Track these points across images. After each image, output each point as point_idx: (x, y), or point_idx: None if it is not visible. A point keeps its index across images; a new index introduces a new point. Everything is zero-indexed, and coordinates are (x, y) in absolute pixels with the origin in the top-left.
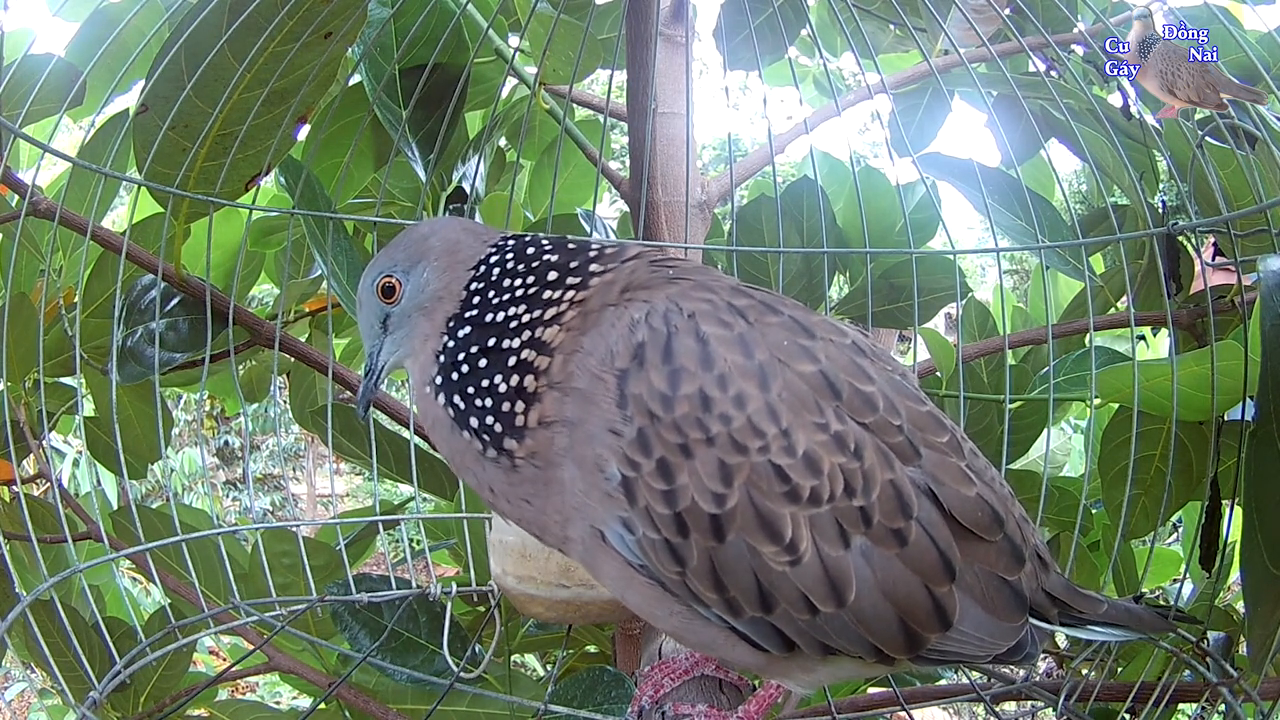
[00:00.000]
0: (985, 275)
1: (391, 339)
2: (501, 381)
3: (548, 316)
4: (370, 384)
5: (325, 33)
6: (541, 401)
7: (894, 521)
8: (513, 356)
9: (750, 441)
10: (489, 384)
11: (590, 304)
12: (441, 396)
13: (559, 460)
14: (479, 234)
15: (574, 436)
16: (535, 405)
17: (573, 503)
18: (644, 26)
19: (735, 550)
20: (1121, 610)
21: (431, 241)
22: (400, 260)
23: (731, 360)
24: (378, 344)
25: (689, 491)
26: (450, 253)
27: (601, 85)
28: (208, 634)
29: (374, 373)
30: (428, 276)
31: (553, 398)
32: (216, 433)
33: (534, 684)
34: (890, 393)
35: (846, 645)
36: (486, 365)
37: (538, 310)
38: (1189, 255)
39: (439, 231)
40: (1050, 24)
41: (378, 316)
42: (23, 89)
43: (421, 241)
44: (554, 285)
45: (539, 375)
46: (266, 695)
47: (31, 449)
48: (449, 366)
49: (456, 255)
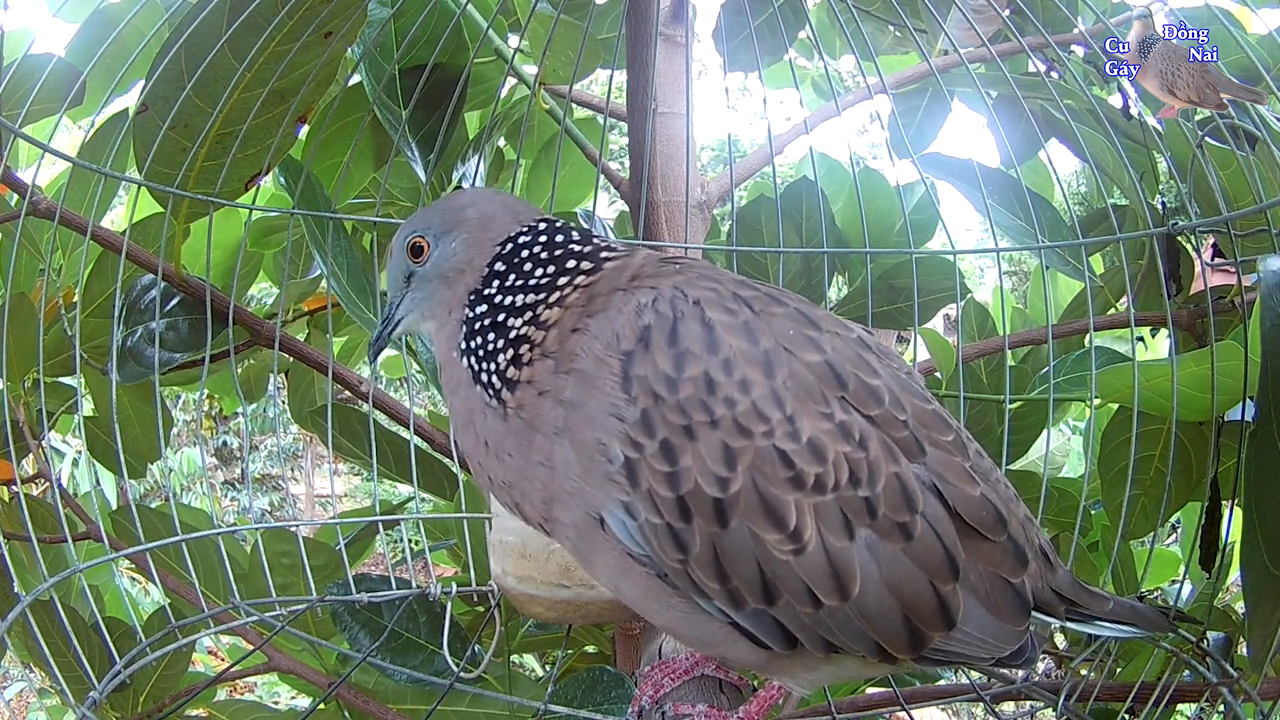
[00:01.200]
0: (984, 276)
1: (412, 296)
2: (503, 349)
3: (551, 300)
4: (385, 331)
5: (325, 33)
6: (533, 366)
7: (899, 515)
8: (514, 332)
9: (754, 426)
10: (494, 348)
11: (598, 287)
12: (465, 359)
13: (548, 432)
14: (516, 211)
15: (572, 419)
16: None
17: (566, 485)
18: (644, 27)
19: (739, 537)
20: (1126, 608)
21: (468, 212)
22: (435, 224)
23: (737, 346)
24: (399, 297)
25: (692, 474)
26: (483, 227)
27: (601, 85)
28: (207, 634)
29: (390, 322)
30: (456, 246)
31: (546, 365)
32: (215, 432)
33: (534, 684)
34: (896, 388)
35: (850, 642)
36: (495, 336)
37: (544, 294)
38: (1189, 255)
39: (477, 203)
40: (1050, 24)
41: (403, 271)
42: (23, 89)
43: (459, 210)
44: (570, 273)
45: (534, 346)
46: (265, 695)
47: (31, 449)
48: (470, 335)
49: (488, 231)
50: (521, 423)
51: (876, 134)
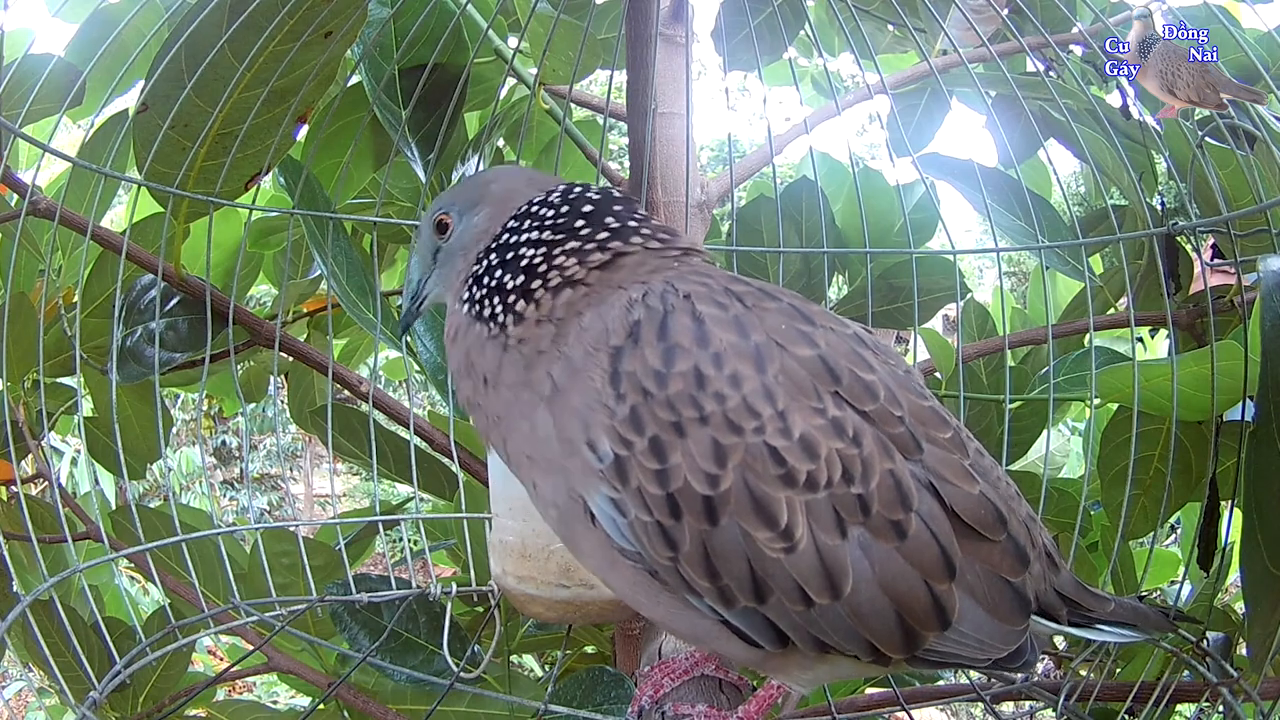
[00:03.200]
0: (983, 276)
1: (439, 273)
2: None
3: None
4: (414, 307)
5: (325, 32)
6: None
7: (893, 513)
8: (525, 261)
9: (745, 422)
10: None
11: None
12: (466, 306)
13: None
14: (538, 183)
15: (555, 401)
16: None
17: (544, 454)
18: (644, 27)
19: (729, 535)
20: (1128, 609)
21: (492, 187)
22: (460, 201)
23: (727, 340)
24: (427, 273)
25: (682, 471)
26: (504, 200)
27: (601, 85)
28: (207, 634)
29: (418, 298)
30: (479, 220)
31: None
32: (214, 432)
33: (533, 684)
34: (892, 384)
35: (842, 642)
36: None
37: (563, 235)
38: (1188, 255)
39: (501, 179)
40: (1050, 24)
41: (430, 249)
42: (23, 89)
43: (483, 186)
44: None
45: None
46: (264, 695)
47: (31, 449)
48: (475, 279)
49: (509, 202)
50: (520, 357)
51: (876, 134)
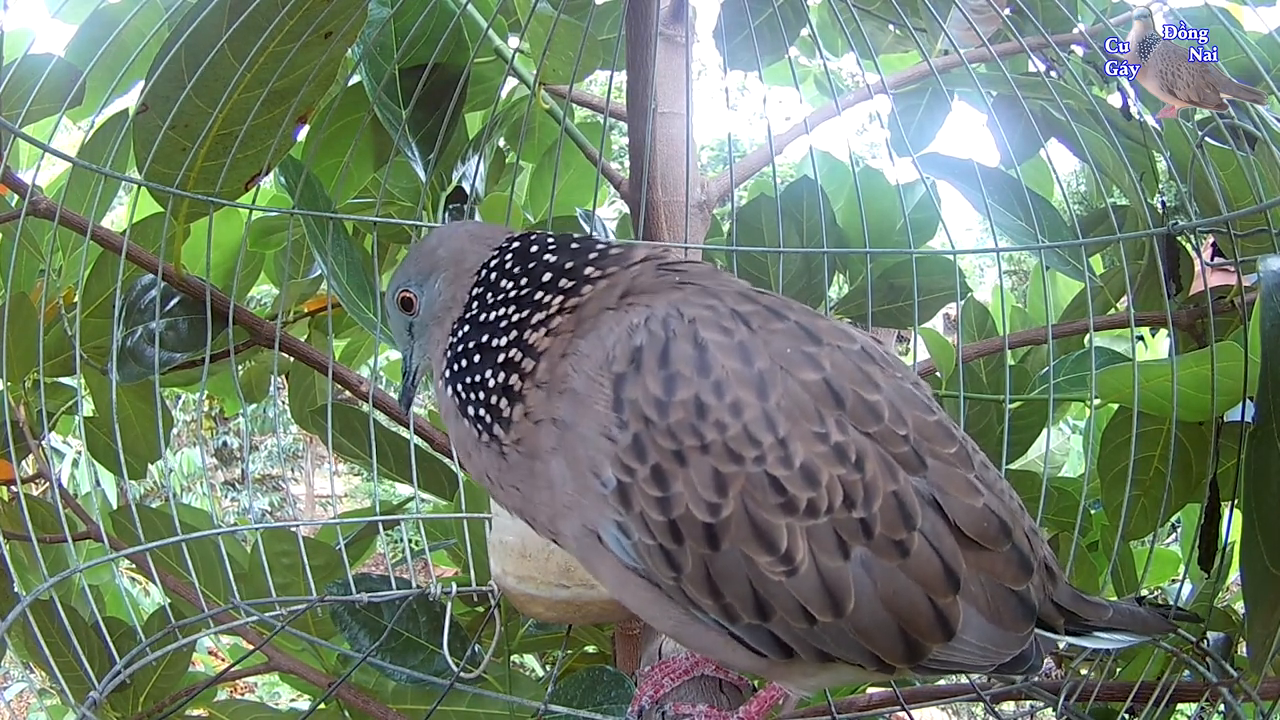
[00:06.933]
0: (983, 276)
1: (419, 345)
2: (490, 377)
3: (535, 320)
4: (408, 385)
5: (325, 32)
6: (525, 399)
7: (896, 533)
8: (501, 354)
9: (746, 451)
10: (480, 378)
11: (586, 309)
12: (449, 388)
13: (546, 456)
14: (484, 238)
15: (565, 438)
16: (519, 402)
17: (564, 501)
18: (644, 27)
19: (731, 558)
20: (1125, 613)
21: (440, 253)
22: (414, 274)
23: (729, 367)
24: (409, 349)
25: (683, 499)
26: (457, 262)
27: (601, 85)
28: (208, 634)
29: (409, 375)
30: (439, 288)
31: (539, 396)
32: (215, 433)
33: (534, 684)
34: (898, 401)
35: (845, 654)
36: (480, 361)
37: (526, 310)
38: (1189, 255)
39: (445, 242)
40: (1050, 24)
41: (403, 326)
42: (23, 89)
43: (431, 254)
44: (547, 287)
45: (525, 376)
46: (265, 695)
47: (31, 449)
48: (453, 360)
49: (463, 264)
50: (520, 456)
51: (876, 133)
